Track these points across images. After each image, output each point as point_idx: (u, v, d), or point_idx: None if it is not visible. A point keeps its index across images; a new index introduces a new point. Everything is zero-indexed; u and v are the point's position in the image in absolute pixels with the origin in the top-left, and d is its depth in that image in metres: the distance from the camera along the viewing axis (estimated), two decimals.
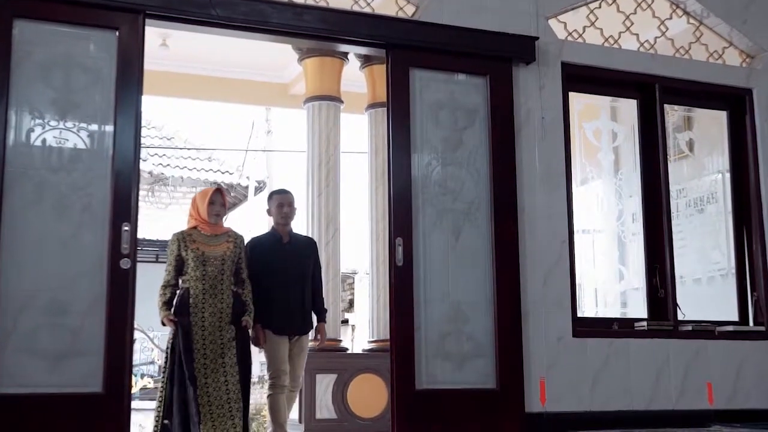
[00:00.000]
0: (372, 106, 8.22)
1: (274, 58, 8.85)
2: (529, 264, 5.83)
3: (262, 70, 9.30)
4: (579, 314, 6.15)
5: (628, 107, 7.31)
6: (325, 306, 6.07)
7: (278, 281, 5.75)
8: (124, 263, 4.86)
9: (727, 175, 7.18)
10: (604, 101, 7.32)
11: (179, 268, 5.40)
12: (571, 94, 6.30)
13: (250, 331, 5.52)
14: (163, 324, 5.37)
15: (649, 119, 6.52)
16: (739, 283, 6.71)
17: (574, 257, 6.02)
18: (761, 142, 6.71)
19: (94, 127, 4.97)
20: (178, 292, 5.38)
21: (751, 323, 6.61)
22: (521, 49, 5.98)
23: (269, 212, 6.04)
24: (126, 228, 4.89)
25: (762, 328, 6.46)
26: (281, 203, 5.93)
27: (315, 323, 5.97)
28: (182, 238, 5.43)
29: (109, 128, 4.97)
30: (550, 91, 6.09)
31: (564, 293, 5.91)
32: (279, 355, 5.74)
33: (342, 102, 8.09)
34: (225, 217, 5.78)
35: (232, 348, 5.27)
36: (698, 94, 6.71)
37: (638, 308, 7.62)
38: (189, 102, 10.88)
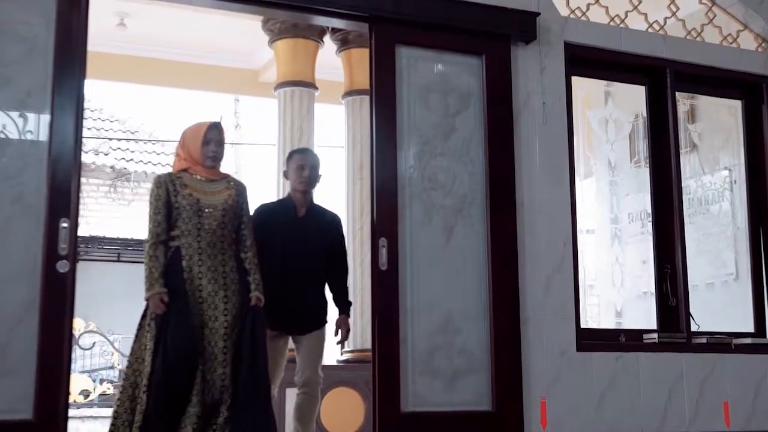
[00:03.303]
0: (349, 93, 7.56)
1: (244, 41, 8.18)
2: (529, 267, 5.15)
3: (230, 55, 8.62)
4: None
5: (625, 94, 6.71)
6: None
7: (285, 264, 4.77)
8: (62, 266, 4.11)
9: (735, 172, 6.60)
10: (598, 86, 6.72)
11: (169, 217, 4.30)
12: (574, 79, 5.63)
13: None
14: (147, 303, 4.20)
15: (659, 108, 5.86)
16: (755, 290, 6.07)
17: (578, 260, 5.36)
18: None
19: (28, 106, 4.22)
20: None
21: None
22: (521, 25, 5.30)
23: (286, 175, 5.08)
24: (65, 225, 4.15)
25: None
26: (302, 164, 4.95)
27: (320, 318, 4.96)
28: (170, 180, 4.36)
29: (46, 108, 4.23)
30: (551, 73, 5.41)
31: (567, 301, 5.24)
32: (273, 360, 4.75)
33: (317, 89, 7.42)
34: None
35: (235, 333, 4.22)
36: (712, 80, 6.06)
37: (635, 317, 7.05)
38: (152, 90, 10.15)
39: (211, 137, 4.45)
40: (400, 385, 4.76)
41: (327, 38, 7.50)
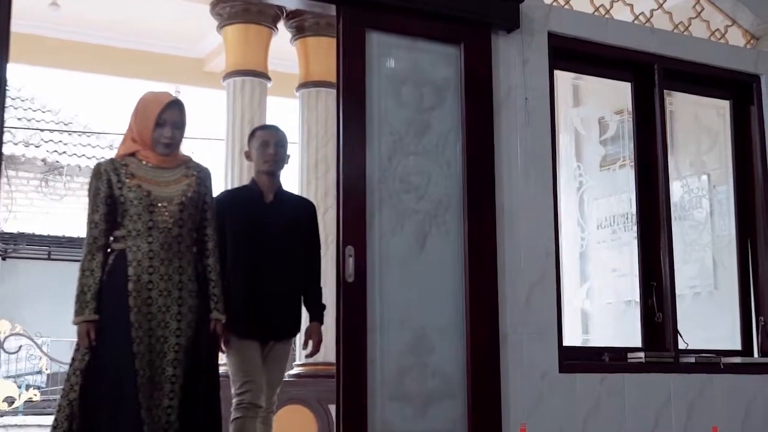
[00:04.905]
0: (304, 85, 7.03)
1: (188, 26, 7.61)
2: (509, 280, 4.65)
3: (173, 42, 8.05)
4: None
5: (594, 88, 6.27)
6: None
7: (251, 260, 4.14)
8: None
9: (715, 176, 6.19)
10: (565, 82, 6.28)
11: (111, 216, 3.58)
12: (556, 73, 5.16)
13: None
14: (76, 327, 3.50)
15: (646, 106, 5.40)
16: (742, 305, 5.65)
17: (561, 272, 4.89)
18: None
19: None
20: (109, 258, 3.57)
21: (755, 353, 5.57)
22: (503, 12, 4.78)
23: (248, 156, 4.41)
24: None
25: None
26: (266, 141, 4.29)
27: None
28: (114, 169, 3.60)
29: None
30: (534, 66, 4.92)
31: (549, 317, 4.76)
32: (249, 361, 4.10)
33: (269, 79, 6.86)
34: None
35: (182, 360, 3.52)
36: (702, 79, 5.62)
37: (606, 328, 6.63)
38: (88, 78, 9.44)
39: (167, 119, 3.68)
40: (368, 411, 4.22)
41: (281, 25, 6.95)
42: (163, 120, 3.67)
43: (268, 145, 4.31)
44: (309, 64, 6.96)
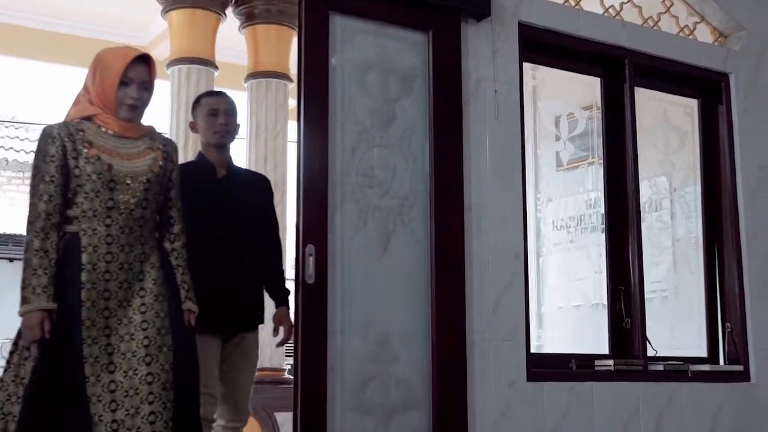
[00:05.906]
0: (253, 75, 6.70)
1: (130, 10, 7.22)
2: (477, 283, 4.38)
3: (113, 27, 7.63)
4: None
5: (554, 83, 6.05)
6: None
7: (209, 241, 3.70)
8: None
9: (679, 177, 6.02)
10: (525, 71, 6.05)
11: (65, 189, 3.06)
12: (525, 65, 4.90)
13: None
14: (23, 318, 2.97)
15: (616, 102, 5.19)
16: (708, 311, 5.46)
17: (529, 276, 4.65)
18: (738, 139, 5.48)
19: None
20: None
21: (721, 360, 5.40)
22: None
23: (194, 127, 3.97)
24: None
25: (740, 368, 5.25)
26: (214, 109, 3.87)
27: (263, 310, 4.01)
28: (68, 134, 3.06)
29: None
30: (504, 57, 4.66)
31: (518, 323, 4.50)
32: (205, 365, 3.50)
33: (216, 68, 6.51)
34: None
35: (164, 353, 3.05)
36: (671, 76, 5.42)
37: (556, 338, 6.43)
38: (18, 64, 8.90)
39: (134, 77, 3.13)
40: (327, 423, 3.92)
41: (229, 12, 6.61)
42: (129, 78, 3.15)
43: (217, 114, 3.89)
44: (258, 53, 6.65)
